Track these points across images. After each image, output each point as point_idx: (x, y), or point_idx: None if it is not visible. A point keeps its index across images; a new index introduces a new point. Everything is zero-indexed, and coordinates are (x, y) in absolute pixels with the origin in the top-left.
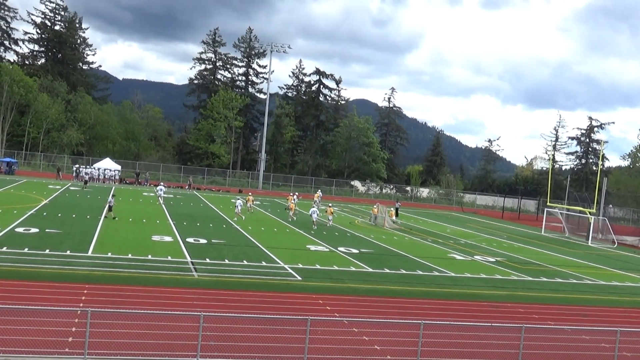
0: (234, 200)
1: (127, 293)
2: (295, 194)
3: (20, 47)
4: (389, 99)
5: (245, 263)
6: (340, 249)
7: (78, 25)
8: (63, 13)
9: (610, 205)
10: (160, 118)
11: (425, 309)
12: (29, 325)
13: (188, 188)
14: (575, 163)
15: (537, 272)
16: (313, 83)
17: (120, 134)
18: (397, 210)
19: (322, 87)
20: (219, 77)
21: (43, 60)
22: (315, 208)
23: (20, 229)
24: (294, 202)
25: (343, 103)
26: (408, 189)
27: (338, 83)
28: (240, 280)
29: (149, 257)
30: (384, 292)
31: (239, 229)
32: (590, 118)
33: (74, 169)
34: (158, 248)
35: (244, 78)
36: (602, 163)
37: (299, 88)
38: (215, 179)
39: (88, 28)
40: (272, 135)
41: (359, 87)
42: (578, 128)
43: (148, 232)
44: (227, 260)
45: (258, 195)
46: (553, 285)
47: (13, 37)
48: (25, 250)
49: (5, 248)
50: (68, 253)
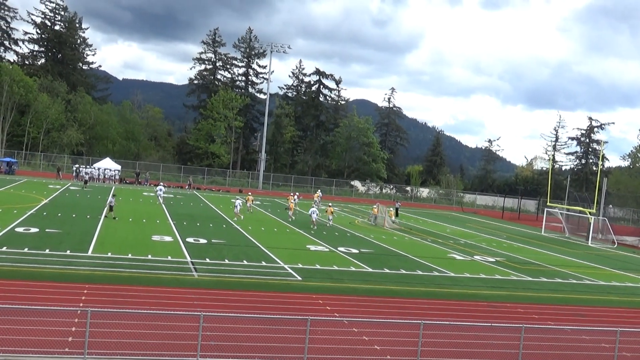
0: (234, 200)
1: (127, 293)
2: (296, 194)
3: (20, 47)
4: (389, 99)
5: (245, 263)
6: (340, 249)
7: (78, 25)
8: (63, 13)
9: (610, 206)
10: (160, 118)
11: (425, 309)
12: (29, 325)
13: (188, 188)
14: (575, 163)
15: (536, 272)
16: (313, 83)
17: (120, 134)
18: (397, 210)
19: (322, 87)
20: (219, 77)
21: (43, 60)
22: (315, 208)
23: (20, 229)
24: (294, 202)
25: (343, 103)
26: (408, 189)
27: (338, 83)
28: (240, 280)
29: (149, 257)
30: (384, 292)
31: (239, 229)
32: (590, 118)
33: (74, 169)
34: (158, 248)
35: (244, 78)
36: (602, 163)
37: (299, 88)
38: (215, 179)
39: (88, 28)
40: (272, 135)
41: (359, 87)
42: (578, 128)
43: (148, 232)
44: (227, 260)
45: (258, 195)
46: (553, 286)
47: (13, 37)
48: (25, 250)
49: (5, 248)
50: (68, 253)
